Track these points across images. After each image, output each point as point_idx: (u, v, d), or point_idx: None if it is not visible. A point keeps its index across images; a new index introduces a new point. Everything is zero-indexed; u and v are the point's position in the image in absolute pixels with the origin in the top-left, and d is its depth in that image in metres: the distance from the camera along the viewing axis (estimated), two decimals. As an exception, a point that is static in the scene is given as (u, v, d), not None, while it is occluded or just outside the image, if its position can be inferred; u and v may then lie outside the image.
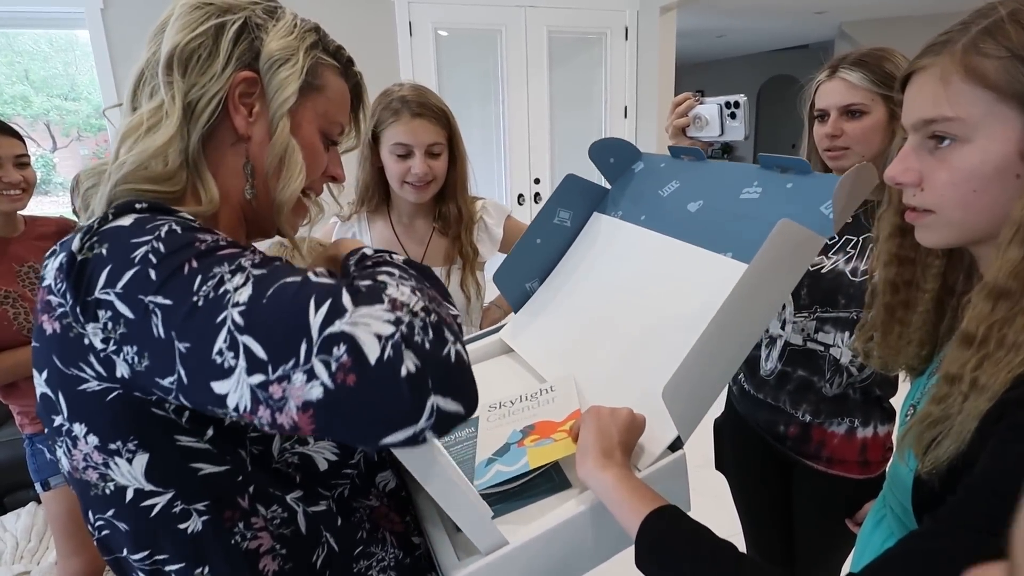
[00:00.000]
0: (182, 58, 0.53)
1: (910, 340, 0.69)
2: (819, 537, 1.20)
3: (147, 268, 0.43)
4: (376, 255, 0.54)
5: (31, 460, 1.46)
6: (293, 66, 0.56)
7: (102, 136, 7.81)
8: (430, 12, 3.57)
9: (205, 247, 0.45)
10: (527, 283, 0.99)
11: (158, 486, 0.48)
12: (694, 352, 0.59)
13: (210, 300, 0.41)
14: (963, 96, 0.51)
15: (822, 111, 1.06)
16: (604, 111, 4.07)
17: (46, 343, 0.47)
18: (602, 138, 0.98)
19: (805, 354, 1.11)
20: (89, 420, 0.47)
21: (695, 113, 1.02)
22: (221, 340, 0.40)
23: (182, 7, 0.55)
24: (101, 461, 0.48)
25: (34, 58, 7.70)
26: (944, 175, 0.54)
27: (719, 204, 0.80)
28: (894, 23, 5.52)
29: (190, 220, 0.48)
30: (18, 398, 1.42)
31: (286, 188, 0.57)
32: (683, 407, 0.61)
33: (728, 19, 5.51)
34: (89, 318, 0.44)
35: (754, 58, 8.13)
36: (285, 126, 0.56)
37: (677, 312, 0.73)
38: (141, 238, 0.44)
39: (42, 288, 0.49)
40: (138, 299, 0.42)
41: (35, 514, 2.15)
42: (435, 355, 0.40)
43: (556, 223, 0.98)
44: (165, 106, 0.53)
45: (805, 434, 1.14)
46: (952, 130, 0.53)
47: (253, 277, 0.42)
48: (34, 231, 1.47)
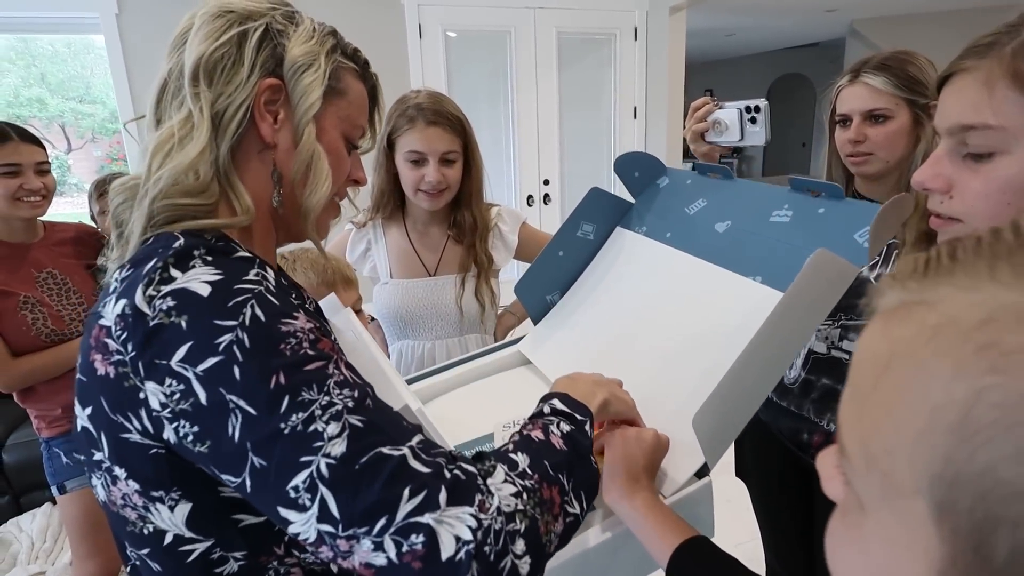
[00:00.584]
0: (207, 68, 0.53)
1: None
2: None
3: (232, 364, 0.43)
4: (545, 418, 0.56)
5: (47, 464, 1.47)
6: (316, 71, 0.56)
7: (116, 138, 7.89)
8: (440, 14, 3.57)
9: (291, 351, 0.45)
10: (548, 295, 0.98)
11: (198, 534, 0.48)
12: (726, 380, 0.58)
13: (297, 434, 0.42)
14: (1008, 104, 0.48)
15: (844, 116, 1.04)
16: (613, 112, 4.06)
17: (96, 382, 0.47)
18: (628, 152, 0.97)
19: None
20: (130, 467, 0.47)
21: (714, 118, 1.01)
22: (300, 479, 0.42)
23: (203, 17, 0.55)
24: (141, 504, 0.48)
25: (51, 61, 7.79)
26: (977, 185, 0.51)
27: (748, 226, 0.79)
28: (906, 20, 5.46)
29: (263, 286, 0.47)
30: (35, 402, 1.44)
31: (313, 195, 0.57)
32: (712, 435, 0.60)
33: (738, 18, 5.48)
34: (153, 378, 0.44)
35: (764, 57, 8.08)
36: (311, 132, 0.56)
37: (704, 335, 0.72)
38: (224, 321, 0.44)
39: (97, 325, 0.47)
40: (219, 391, 0.43)
41: (50, 515, 2.18)
42: (497, 570, 0.43)
43: (579, 236, 0.97)
44: (194, 118, 0.53)
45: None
46: (991, 139, 0.50)
47: (348, 428, 0.43)
48: (53, 236, 1.49)
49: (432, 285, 1.29)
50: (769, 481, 1.28)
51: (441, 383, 0.93)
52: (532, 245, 1.37)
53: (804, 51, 7.77)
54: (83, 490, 1.47)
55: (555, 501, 0.50)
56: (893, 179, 1.05)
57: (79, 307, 1.45)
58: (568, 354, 0.89)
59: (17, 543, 2.10)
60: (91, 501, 1.47)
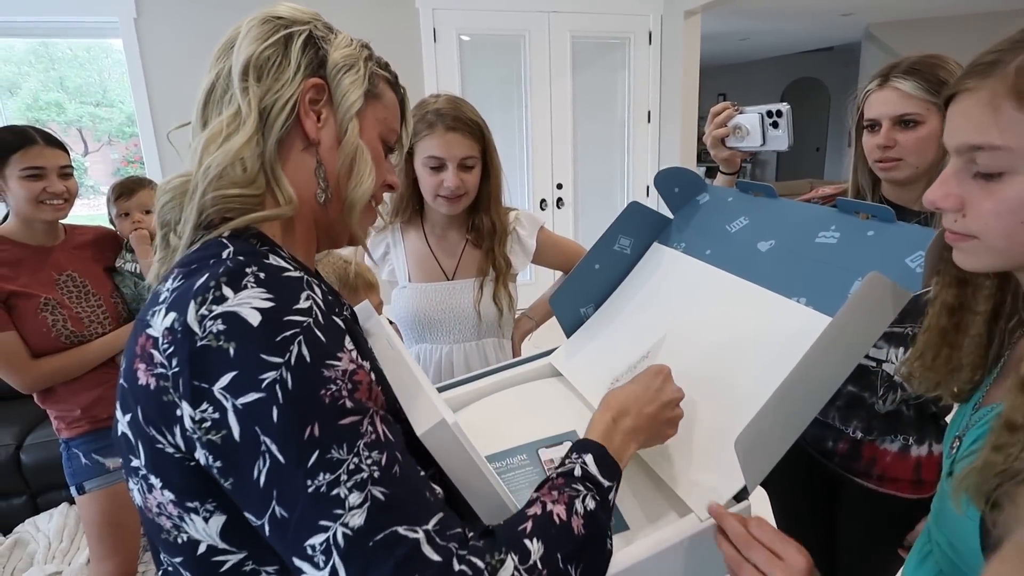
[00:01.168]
0: (257, 66, 0.55)
1: (960, 365, 0.66)
2: (865, 556, 1.16)
3: (272, 404, 0.43)
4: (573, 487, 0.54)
5: (67, 464, 1.48)
6: (357, 73, 0.59)
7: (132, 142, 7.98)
8: (454, 18, 3.58)
9: (329, 400, 0.45)
10: (582, 308, 0.97)
11: (232, 546, 0.48)
12: (771, 402, 0.57)
13: (321, 495, 0.43)
14: (1014, 124, 0.48)
15: (873, 121, 1.02)
16: (627, 116, 4.05)
17: (137, 391, 0.47)
18: (668, 167, 0.96)
19: (857, 369, 1.08)
20: (166, 478, 0.47)
21: (735, 123, 0.99)
22: (318, 540, 0.42)
23: (250, 23, 0.58)
24: (176, 514, 0.48)
25: (70, 66, 7.91)
26: (989, 204, 0.51)
27: (792, 246, 0.77)
28: (922, 24, 5.41)
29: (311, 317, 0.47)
30: (55, 402, 1.45)
31: (358, 187, 0.59)
32: (753, 457, 0.59)
33: (752, 22, 5.46)
34: (191, 399, 0.44)
35: (778, 60, 8.04)
36: (355, 128, 0.59)
37: (745, 356, 0.71)
38: (271, 357, 0.44)
39: (144, 334, 0.48)
40: (254, 429, 0.43)
41: (67, 515, 2.19)
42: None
43: (616, 250, 0.96)
44: (242, 112, 0.55)
45: (855, 451, 1.11)
46: (999, 159, 0.50)
47: (370, 500, 0.44)
48: (73, 239, 1.51)
49: (450, 289, 1.29)
50: (792, 489, 1.26)
51: (470, 392, 0.92)
52: (550, 250, 1.37)
53: (819, 55, 7.72)
54: (102, 491, 1.47)
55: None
56: (922, 185, 1.03)
57: (98, 309, 1.47)
58: (600, 369, 0.88)
59: (34, 543, 2.11)
60: (109, 502, 1.48)
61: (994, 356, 0.66)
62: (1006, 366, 0.64)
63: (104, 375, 1.45)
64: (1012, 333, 0.64)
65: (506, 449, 0.75)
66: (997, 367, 0.65)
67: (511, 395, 0.92)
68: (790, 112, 0.93)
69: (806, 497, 1.23)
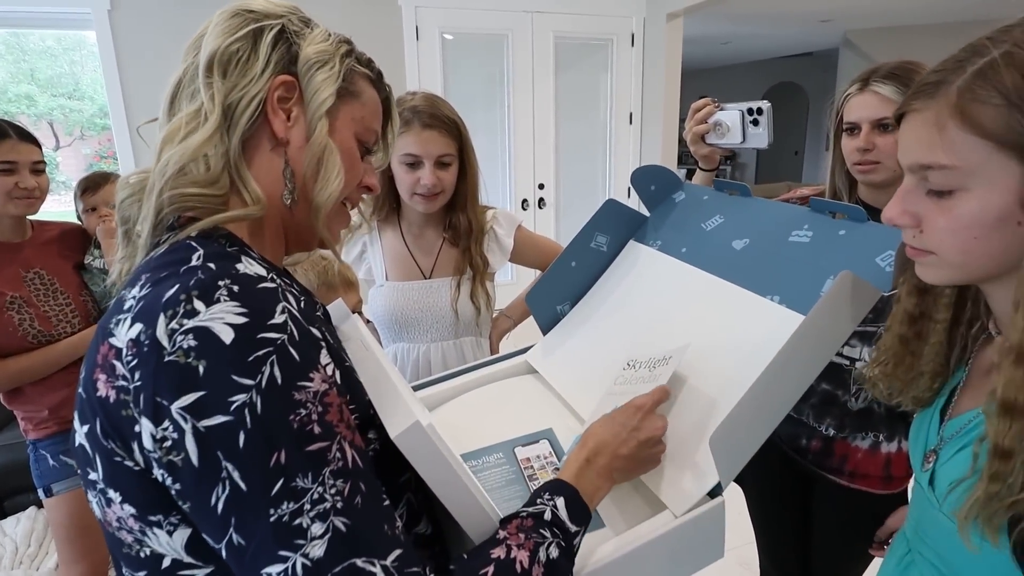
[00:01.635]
0: (222, 61, 0.53)
1: (921, 372, 0.67)
2: (837, 551, 1.18)
3: (239, 429, 0.41)
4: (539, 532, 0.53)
5: (34, 466, 1.44)
6: (330, 70, 0.56)
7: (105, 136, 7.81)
8: (437, 16, 3.57)
9: (298, 424, 0.43)
10: (558, 305, 0.97)
11: (198, 560, 0.47)
12: (745, 401, 0.57)
13: (283, 525, 0.42)
14: (959, 144, 0.49)
15: (853, 124, 1.04)
16: (609, 117, 4.07)
17: (95, 402, 0.45)
18: (645, 165, 0.97)
19: (830, 367, 1.09)
20: (125, 492, 0.46)
21: (715, 119, 1.00)
22: (275, 570, 0.41)
23: (220, 15, 0.55)
24: (137, 528, 0.46)
25: (41, 57, 7.71)
26: (943, 222, 0.52)
27: (766, 245, 0.77)
28: (899, 32, 5.52)
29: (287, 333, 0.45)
30: (22, 403, 1.41)
31: (324, 190, 0.57)
32: (727, 455, 0.59)
33: (734, 26, 5.52)
34: (152, 416, 0.42)
35: (759, 65, 8.14)
36: (323, 127, 0.56)
37: (719, 354, 0.71)
38: (242, 379, 0.42)
39: (107, 343, 0.45)
40: (215, 455, 0.41)
41: (35, 519, 2.14)
42: None
43: (593, 247, 0.96)
44: (204, 108, 0.53)
45: (828, 448, 1.13)
46: (949, 178, 0.51)
47: (331, 531, 0.43)
48: (41, 236, 1.47)
49: (427, 288, 1.29)
50: (766, 486, 1.28)
51: (446, 390, 0.92)
52: (528, 248, 1.37)
53: (798, 60, 7.84)
54: (70, 493, 1.44)
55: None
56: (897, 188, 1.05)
57: (66, 308, 1.43)
58: (576, 366, 0.88)
59: (1, 548, 2.06)
60: (78, 504, 1.44)
61: (955, 361, 0.66)
62: (972, 373, 0.64)
63: (73, 375, 1.41)
64: (975, 339, 0.65)
65: (482, 447, 0.75)
66: (962, 373, 0.65)
67: (487, 393, 0.92)
68: (770, 110, 0.93)
69: (781, 494, 1.25)
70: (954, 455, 0.60)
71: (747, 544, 1.37)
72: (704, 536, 0.62)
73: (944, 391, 0.66)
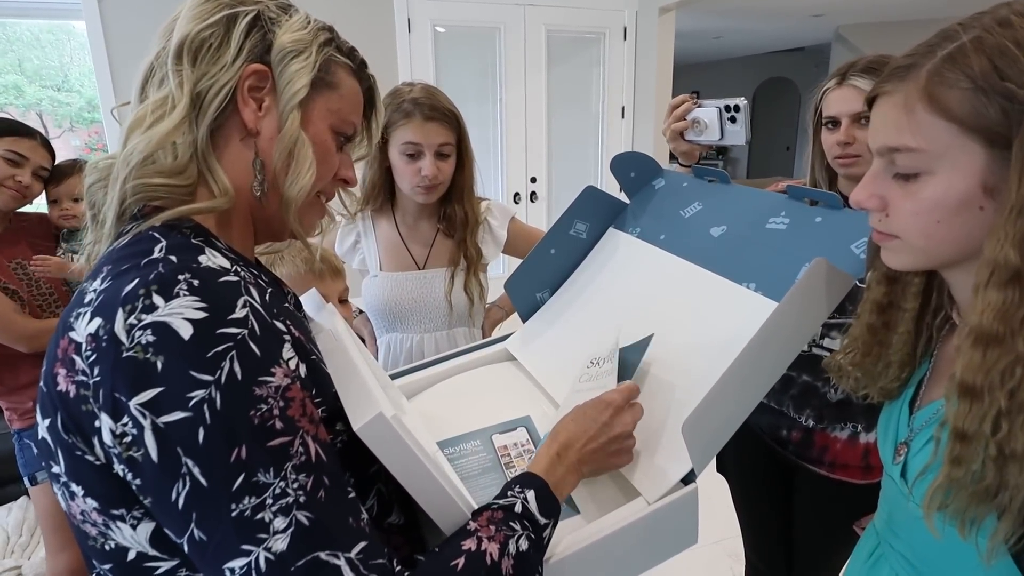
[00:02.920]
0: (192, 47, 0.51)
1: (889, 363, 0.67)
2: (819, 542, 1.20)
3: (198, 425, 0.41)
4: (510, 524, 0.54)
5: (19, 455, 1.45)
6: (305, 59, 0.54)
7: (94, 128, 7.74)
8: (429, 9, 3.55)
9: (259, 420, 0.43)
10: (538, 293, 0.97)
11: (163, 553, 0.47)
12: (717, 387, 0.58)
13: (244, 520, 0.42)
14: (926, 127, 0.50)
15: (832, 118, 1.05)
16: (601, 111, 4.07)
17: (55, 396, 0.45)
18: (624, 151, 0.97)
19: (810, 359, 1.11)
20: (87, 486, 0.45)
21: (693, 116, 1.00)
22: (238, 564, 0.42)
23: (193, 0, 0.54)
24: (101, 522, 0.46)
25: (30, 47, 7.61)
26: (908, 204, 0.53)
27: (743, 231, 0.78)
28: (891, 27, 5.54)
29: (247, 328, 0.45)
30: (6, 394, 1.42)
31: (295, 183, 0.55)
32: (701, 442, 0.60)
33: (726, 21, 5.52)
34: (111, 411, 0.42)
35: (751, 60, 8.15)
36: (295, 119, 0.54)
37: (695, 341, 0.72)
38: (201, 375, 0.42)
39: (67, 337, 0.45)
40: (175, 451, 0.41)
41: (26, 508, 2.14)
42: None
43: (572, 234, 0.96)
44: (172, 96, 0.51)
45: (808, 439, 1.14)
46: (915, 160, 0.52)
47: (294, 525, 0.43)
48: (18, 226, 1.49)
49: (421, 278, 1.29)
50: (750, 477, 1.29)
51: (426, 378, 0.92)
52: (521, 240, 1.38)
53: (790, 55, 7.85)
54: (58, 482, 1.45)
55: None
56: None
57: (50, 297, 1.46)
58: (555, 354, 0.88)
59: (-10, 537, 2.06)
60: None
61: (921, 352, 0.67)
62: (937, 363, 0.65)
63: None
64: (939, 329, 0.65)
65: (459, 435, 0.76)
66: (927, 364, 0.66)
67: (466, 380, 0.92)
68: (747, 107, 0.94)
69: (764, 484, 1.27)
70: (924, 445, 0.60)
71: (735, 536, 1.39)
72: (677, 523, 0.62)
73: (911, 383, 0.67)
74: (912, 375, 0.67)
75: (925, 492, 0.54)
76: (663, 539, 0.64)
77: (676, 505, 0.62)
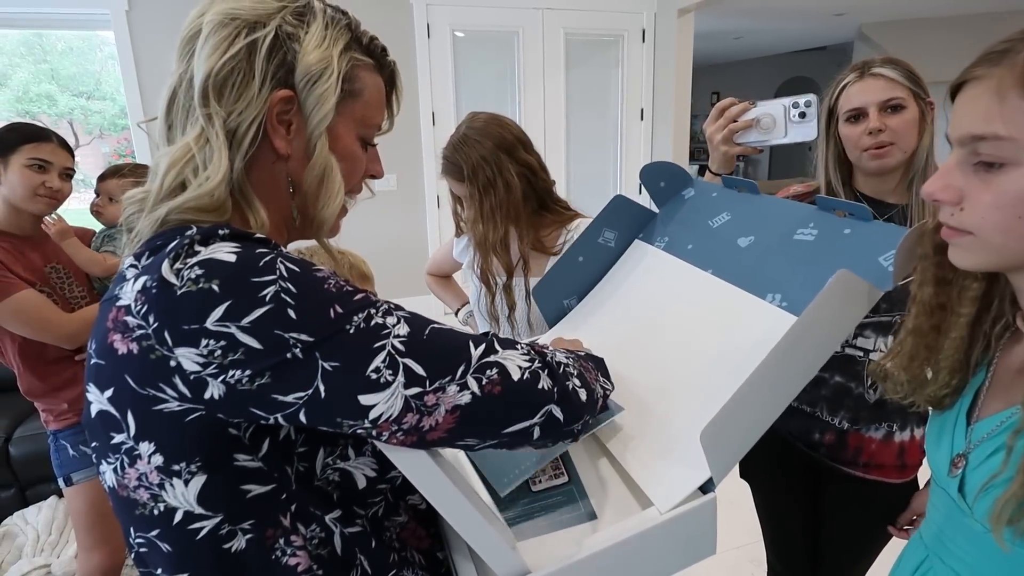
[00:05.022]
0: (217, 85, 0.51)
1: (939, 368, 0.63)
2: (849, 544, 1.18)
3: (284, 307, 0.44)
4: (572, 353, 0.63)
5: (55, 455, 1.48)
6: (329, 78, 0.54)
7: (124, 135, 7.93)
8: (448, 14, 3.58)
9: (335, 288, 0.48)
10: (565, 300, 0.98)
11: (208, 510, 0.49)
12: (736, 398, 0.57)
13: (362, 330, 0.47)
14: (1020, 115, 0.47)
15: (858, 110, 1.04)
16: (620, 113, 4.06)
17: (118, 362, 0.46)
18: (654, 161, 0.97)
19: (843, 360, 1.09)
20: (159, 439, 0.47)
21: (758, 114, 0.96)
22: (380, 360, 0.47)
23: (210, 24, 0.52)
24: (157, 482, 0.48)
25: (63, 56, 7.83)
26: (988, 197, 0.50)
27: (771, 242, 0.77)
28: (915, 24, 5.44)
29: (283, 250, 0.49)
30: (44, 396, 1.45)
31: (326, 207, 0.57)
32: (719, 451, 0.59)
33: (746, 21, 5.47)
34: (183, 343, 0.44)
35: (772, 59, 8.06)
36: (324, 145, 0.55)
37: (717, 354, 0.71)
38: (263, 277, 0.44)
39: (114, 307, 0.47)
40: (274, 333, 0.44)
41: (56, 508, 2.19)
42: (561, 382, 0.55)
43: (600, 243, 0.97)
44: (208, 136, 0.52)
45: (842, 441, 1.12)
46: (1003, 150, 0.48)
47: (404, 318, 0.50)
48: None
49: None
50: (776, 482, 1.28)
51: None
52: None
53: (811, 55, 7.75)
54: (89, 482, 1.48)
55: (591, 371, 0.62)
56: (899, 174, 1.05)
57: (82, 300, 1.50)
58: None
59: (23, 535, 2.11)
60: (96, 493, 1.48)
61: (976, 360, 0.63)
62: (997, 373, 0.61)
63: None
64: (999, 338, 0.62)
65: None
66: (985, 374, 0.62)
67: None
68: (817, 101, 0.92)
69: (789, 488, 1.25)
70: (987, 458, 0.57)
71: (758, 542, 1.37)
72: (694, 532, 0.61)
73: (967, 392, 0.63)
74: (965, 384, 0.64)
75: (991, 506, 0.51)
76: (678, 549, 0.63)
77: (692, 515, 0.61)
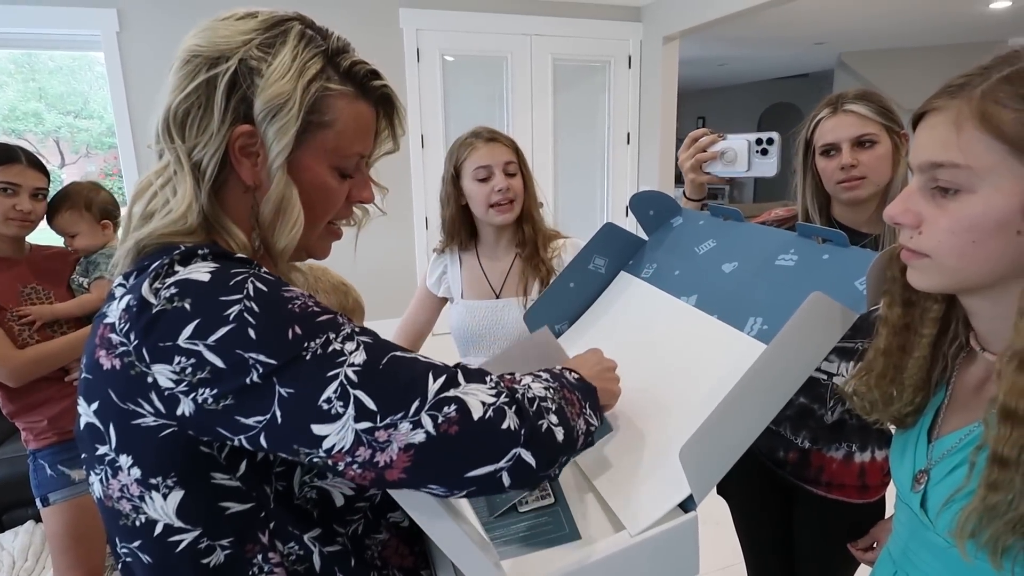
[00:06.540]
0: (176, 121, 0.52)
1: (903, 387, 0.66)
2: (820, 562, 1.19)
3: (246, 327, 0.45)
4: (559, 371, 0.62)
5: (33, 476, 1.46)
6: (288, 113, 0.52)
7: (111, 154, 7.90)
8: (438, 39, 3.64)
9: (299, 308, 0.48)
10: (556, 325, 1.00)
11: (187, 524, 0.50)
12: (714, 417, 0.59)
13: (319, 356, 0.46)
14: (975, 144, 0.50)
15: (831, 145, 1.07)
16: (607, 137, 4.13)
17: (102, 377, 0.48)
18: (643, 190, 1.00)
19: (808, 381, 1.11)
20: (136, 453, 0.49)
21: (723, 147, 1.01)
22: (331, 390, 0.46)
23: (176, 60, 0.53)
24: (137, 494, 0.49)
25: (52, 75, 7.82)
26: (944, 222, 0.52)
27: (753, 268, 0.80)
28: (892, 54, 5.61)
29: (258, 269, 0.50)
30: (25, 414, 1.43)
31: (280, 240, 0.56)
32: (699, 468, 0.60)
33: (730, 48, 5.61)
34: (159, 360, 0.45)
35: (755, 86, 8.24)
36: (281, 179, 0.54)
37: (695, 381, 0.73)
38: (230, 296, 0.46)
39: (103, 324, 0.49)
40: (235, 353, 0.45)
41: (33, 533, 2.14)
42: (531, 422, 0.51)
43: (591, 269, 1.00)
44: (171, 168, 0.53)
45: (805, 459, 1.14)
46: (959, 178, 0.51)
47: (364, 344, 0.49)
48: (37, 254, 1.53)
49: (496, 307, 1.36)
50: (750, 498, 1.29)
51: None
52: None
53: (794, 81, 7.94)
54: (67, 503, 1.45)
55: (576, 404, 0.57)
56: (874, 205, 1.09)
57: (65, 326, 1.47)
58: None
59: (-3, 561, 2.06)
60: (73, 514, 1.46)
61: (936, 379, 0.66)
62: (956, 392, 0.64)
63: (71, 388, 1.44)
64: (954, 358, 0.65)
65: None
66: (944, 393, 0.65)
67: None
68: (780, 140, 0.96)
69: (763, 505, 1.26)
70: (948, 474, 0.59)
71: (741, 563, 1.37)
72: (675, 552, 0.61)
73: (928, 410, 0.66)
74: (926, 402, 0.66)
75: (954, 519, 0.53)
76: (658, 568, 0.63)
77: (672, 533, 0.61)
